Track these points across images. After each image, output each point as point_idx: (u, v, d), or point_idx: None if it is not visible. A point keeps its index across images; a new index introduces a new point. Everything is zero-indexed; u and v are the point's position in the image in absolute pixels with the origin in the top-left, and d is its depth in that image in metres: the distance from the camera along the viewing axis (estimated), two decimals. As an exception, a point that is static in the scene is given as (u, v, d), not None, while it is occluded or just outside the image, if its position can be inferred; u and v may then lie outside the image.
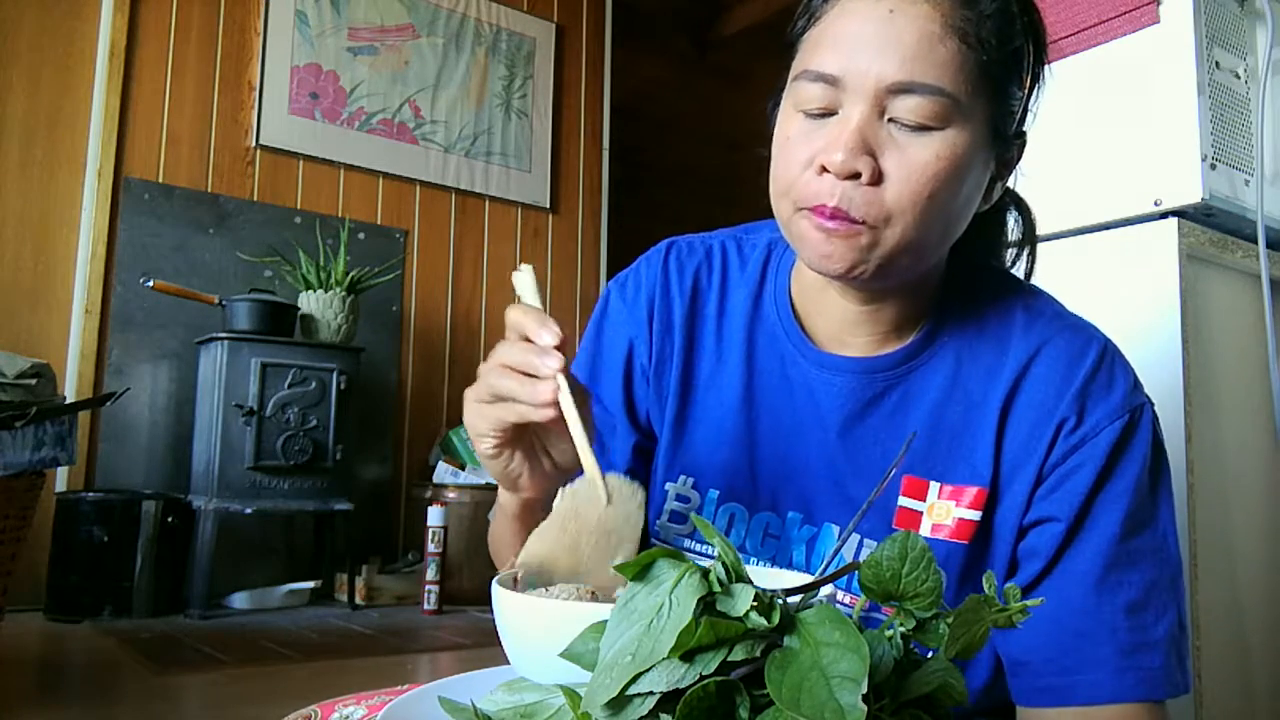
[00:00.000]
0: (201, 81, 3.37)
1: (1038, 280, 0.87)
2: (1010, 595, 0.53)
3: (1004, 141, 0.74)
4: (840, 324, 0.79)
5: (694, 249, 0.88)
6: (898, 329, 0.79)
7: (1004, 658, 0.76)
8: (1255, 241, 1.40)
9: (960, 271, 0.81)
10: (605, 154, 4.37)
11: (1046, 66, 0.77)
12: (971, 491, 0.75)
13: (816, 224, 0.69)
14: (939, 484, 0.76)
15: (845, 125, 0.68)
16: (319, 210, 3.55)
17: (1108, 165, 1.41)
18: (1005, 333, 0.78)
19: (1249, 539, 1.40)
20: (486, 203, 3.98)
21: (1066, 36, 1.47)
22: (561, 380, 0.63)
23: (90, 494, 2.85)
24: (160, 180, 3.25)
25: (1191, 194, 1.32)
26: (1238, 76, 1.41)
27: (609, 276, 4.26)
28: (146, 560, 2.80)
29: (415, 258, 3.78)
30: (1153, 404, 0.76)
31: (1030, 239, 0.87)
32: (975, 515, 0.75)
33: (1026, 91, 0.75)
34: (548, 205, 4.13)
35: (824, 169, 0.68)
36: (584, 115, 4.32)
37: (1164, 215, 1.35)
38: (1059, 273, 1.43)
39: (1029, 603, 0.48)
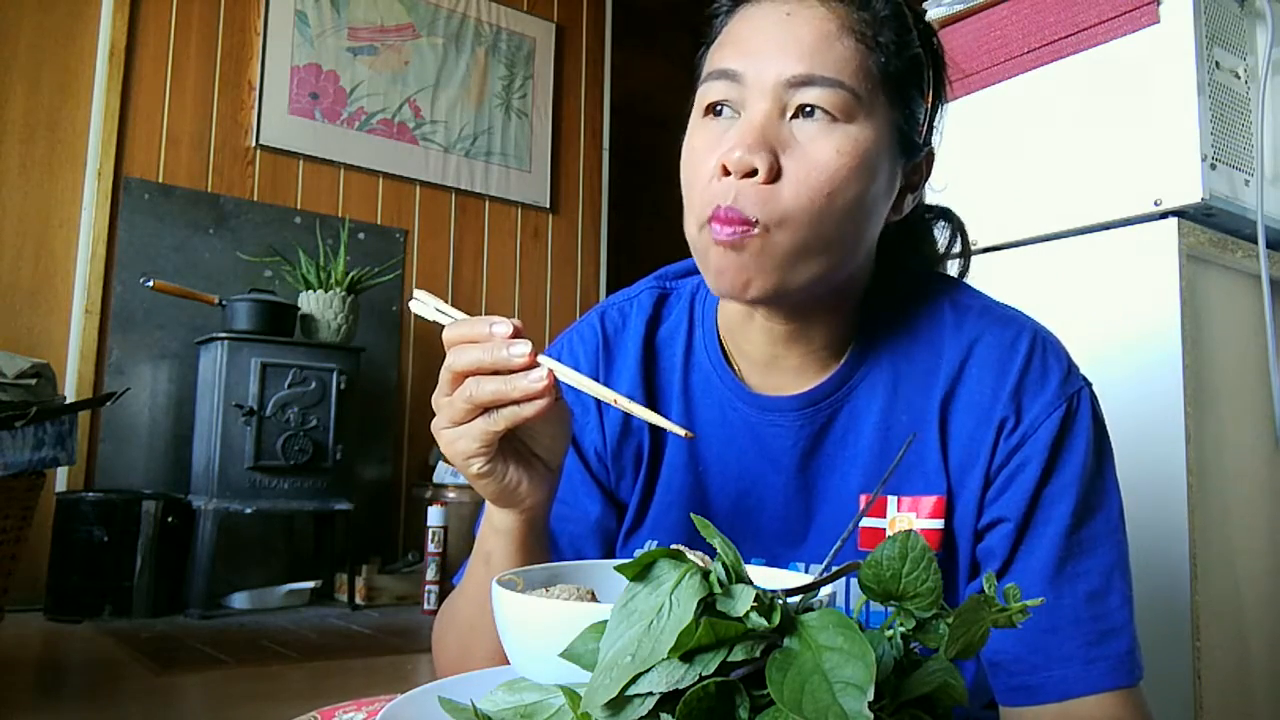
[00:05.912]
0: (201, 81, 3.37)
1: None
2: (1010, 595, 0.53)
3: (911, 149, 0.75)
4: (768, 352, 0.78)
5: (625, 312, 0.86)
6: (828, 349, 0.78)
7: (982, 660, 0.76)
8: (1255, 241, 1.40)
9: (883, 282, 0.80)
10: (605, 154, 4.37)
11: (948, 87, 0.79)
12: (930, 501, 0.75)
13: (713, 240, 0.68)
14: (897, 497, 0.76)
15: (748, 123, 0.68)
16: (319, 210, 3.55)
17: (1108, 165, 1.41)
18: (936, 335, 0.78)
19: (1249, 539, 1.40)
20: (486, 203, 3.98)
21: (1066, 36, 1.47)
22: (546, 359, 0.60)
23: (90, 494, 2.85)
24: (160, 180, 3.25)
25: (1191, 194, 1.32)
26: (1238, 76, 1.41)
27: (609, 276, 4.27)
28: (146, 560, 2.80)
29: (415, 258, 3.78)
30: (1089, 384, 0.77)
31: (965, 252, 0.88)
32: (938, 524, 0.75)
33: (930, 105, 0.76)
34: (548, 205, 4.13)
35: (726, 171, 0.68)
36: (584, 115, 4.32)
37: (1164, 215, 1.35)
38: (1059, 273, 1.43)
39: (1030, 603, 0.48)
